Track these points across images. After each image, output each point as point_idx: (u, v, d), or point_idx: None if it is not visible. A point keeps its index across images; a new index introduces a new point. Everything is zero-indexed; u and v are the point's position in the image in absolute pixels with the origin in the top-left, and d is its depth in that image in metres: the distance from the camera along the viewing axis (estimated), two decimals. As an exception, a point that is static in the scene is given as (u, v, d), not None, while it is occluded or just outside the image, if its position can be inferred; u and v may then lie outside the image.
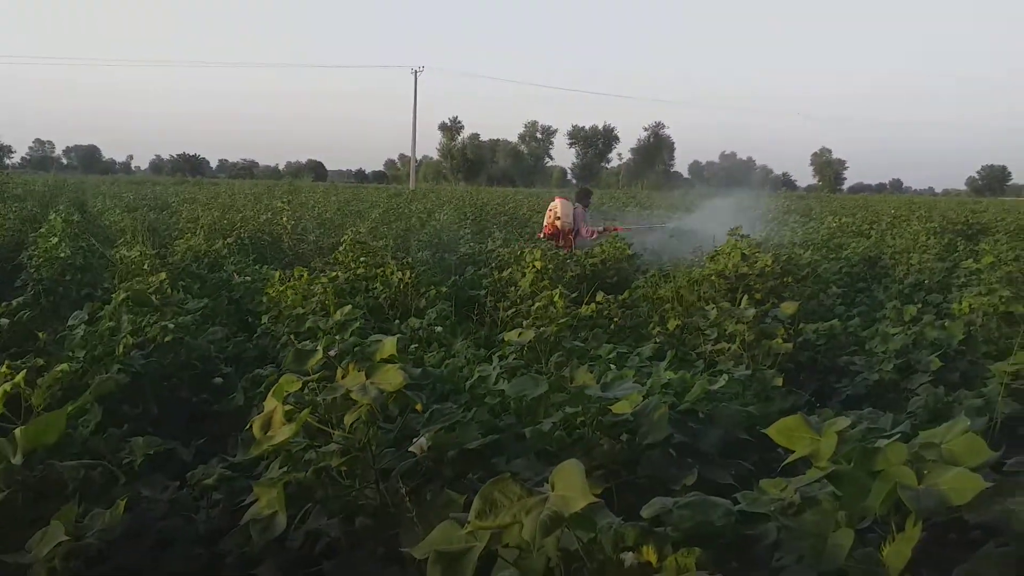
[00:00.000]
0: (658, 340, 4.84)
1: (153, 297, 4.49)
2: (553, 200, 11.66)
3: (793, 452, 1.69)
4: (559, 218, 11.08)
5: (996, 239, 12.68)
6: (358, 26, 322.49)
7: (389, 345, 2.22)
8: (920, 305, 5.94)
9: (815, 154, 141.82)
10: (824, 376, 4.65)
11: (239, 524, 2.23)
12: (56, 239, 8.05)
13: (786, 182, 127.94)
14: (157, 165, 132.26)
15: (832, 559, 1.43)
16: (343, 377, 2.18)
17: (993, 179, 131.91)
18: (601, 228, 11.32)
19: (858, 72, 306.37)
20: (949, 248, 10.62)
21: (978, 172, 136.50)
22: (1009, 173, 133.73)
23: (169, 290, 5.09)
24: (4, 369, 2.83)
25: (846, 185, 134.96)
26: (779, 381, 3.51)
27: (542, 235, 11.39)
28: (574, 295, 5.84)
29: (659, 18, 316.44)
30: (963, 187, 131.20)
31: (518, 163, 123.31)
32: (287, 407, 2.10)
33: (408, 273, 6.38)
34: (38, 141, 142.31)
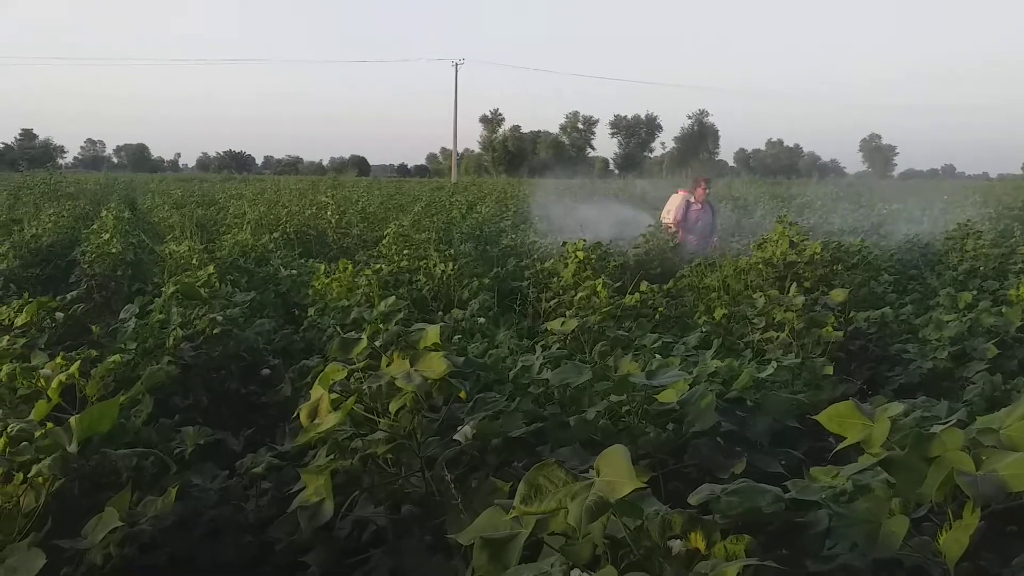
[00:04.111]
0: (704, 329, 4.78)
1: (202, 290, 4.57)
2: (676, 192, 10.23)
3: (844, 440, 1.65)
4: (667, 213, 9.82)
5: (1054, 224, 12.32)
6: (398, 20, 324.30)
7: (432, 334, 2.22)
8: (975, 292, 5.78)
9: (864, 140, 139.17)
10: (876, 365, 4.55)
11: (287, 512, 2.26)
12: (108, 235, 8.23)
13: (835, 169, 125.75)
14: (204, 163, 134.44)
15: (886, 546, 1.39)
16: (388, 365, 2.19)
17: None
18: (671, 223, 9.67)
19: (907, 56, 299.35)
20: (1005, 234, 10.33)
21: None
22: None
23: (217, 284, 5.18)
24: (59, 360, 2.89)
25: (896, 171, 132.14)
26: (829, 369, 3.45)
27: None
28: (617, 285, 5.80)
29: (701, 4, 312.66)
30: (1019, 171, 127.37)
31: (559, 154, 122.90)
32: (333, 395, 2.12)
33: (451, 265, 6.40)
34: (89, 141, 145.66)
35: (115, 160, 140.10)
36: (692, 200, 9.78)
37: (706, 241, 9.57)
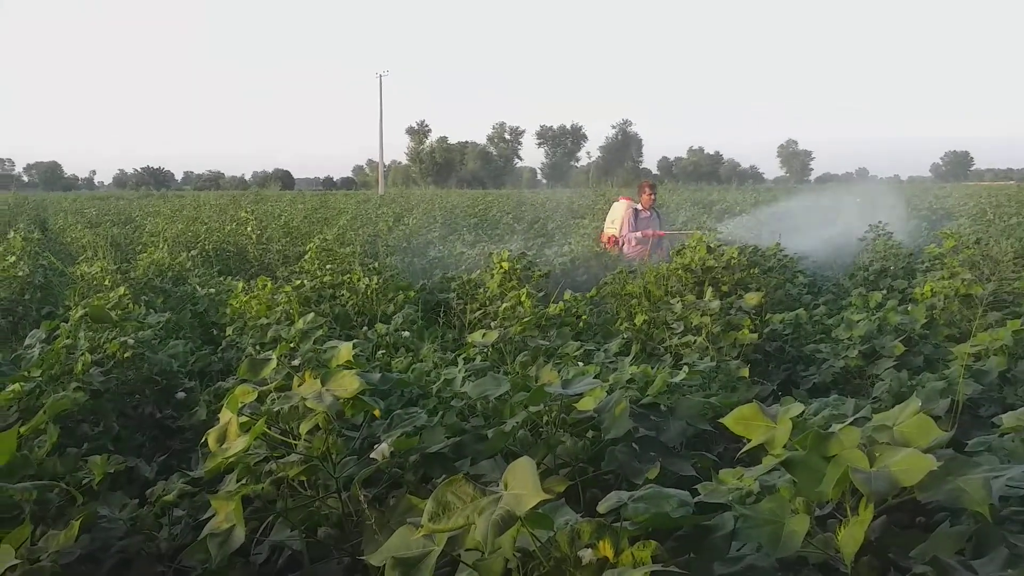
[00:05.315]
0: (626, 336, 4.84)
1: (113, 313, 4.41)
2: (616, 200, 9.98)
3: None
4: (612, 223, 9.55)
5: (959, 223, 12.89)
6: (321, 32, 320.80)
7: (345, 351, 2.19)
8: (885, 291, 5.99)
9: (781, 146, 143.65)
10: (792, 365, 4.67)
11: (199, 539, 2.19)
12: (14, 258, 7.90)
13: (754, 175, 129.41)
14: (121, 180, 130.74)
15: (788, 545, 1.42)
16: (300, 385, 2.15)
17: (957, 165, 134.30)
18: (639, 234, 9.46)
19: (822, 64, 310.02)
20: (913, 234, 10.76)
21: (942, 158, 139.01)
22: (972, 158, 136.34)
23: (130, 305, 5.01)
24: (-46, 392, 2.76)
25: (813, 176, 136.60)
26: (744, 372, 3.53)
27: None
28: (541, 294, 5.83)
29: (624, 16, 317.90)
30: (928, 174, 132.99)
31: (487, 165, 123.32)
32: (243, 418, 2.06)
33: (375, 279, 6.33)
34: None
35: (26, 179, 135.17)
36: (640, 208, 9.56)
37: (657, 249, 9.36)
